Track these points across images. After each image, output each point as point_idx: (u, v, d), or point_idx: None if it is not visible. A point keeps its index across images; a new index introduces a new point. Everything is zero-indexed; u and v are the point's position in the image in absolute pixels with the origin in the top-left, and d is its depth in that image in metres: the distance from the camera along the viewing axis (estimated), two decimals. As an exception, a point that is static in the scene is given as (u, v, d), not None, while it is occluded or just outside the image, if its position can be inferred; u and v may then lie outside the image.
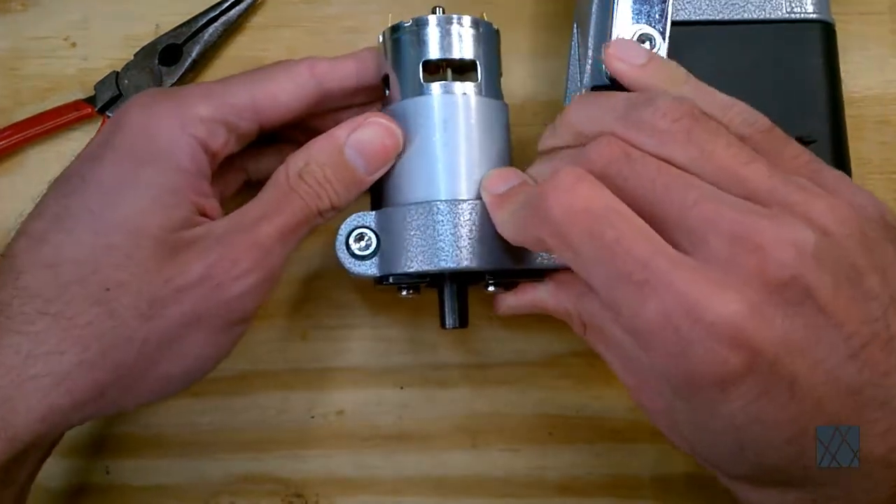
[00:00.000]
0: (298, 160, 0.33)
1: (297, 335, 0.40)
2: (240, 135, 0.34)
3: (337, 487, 0.40)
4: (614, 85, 0.34)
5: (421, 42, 0.34)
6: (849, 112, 0.42)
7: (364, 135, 0.33)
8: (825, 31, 0.37)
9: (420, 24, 0.34)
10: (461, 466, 0.40)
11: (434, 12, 0.35)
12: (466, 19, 0.35)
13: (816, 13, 0.37)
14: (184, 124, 0.31)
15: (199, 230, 0.31)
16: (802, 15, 0.37)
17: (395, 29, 0.35)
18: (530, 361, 0.41)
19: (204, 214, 0.32)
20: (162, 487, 0.40)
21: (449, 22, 0.34)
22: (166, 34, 0.41)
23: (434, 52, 0.34)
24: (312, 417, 0.40)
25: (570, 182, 0.27)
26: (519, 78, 0.42)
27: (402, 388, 0.40)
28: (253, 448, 0.40)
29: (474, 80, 0.34)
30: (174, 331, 0.30)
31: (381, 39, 0.36)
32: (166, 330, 0.29)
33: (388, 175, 0.35)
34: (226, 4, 0.41)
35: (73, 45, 0.42)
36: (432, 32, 0.34)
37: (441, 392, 0.40)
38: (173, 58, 0.41)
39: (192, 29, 0.41)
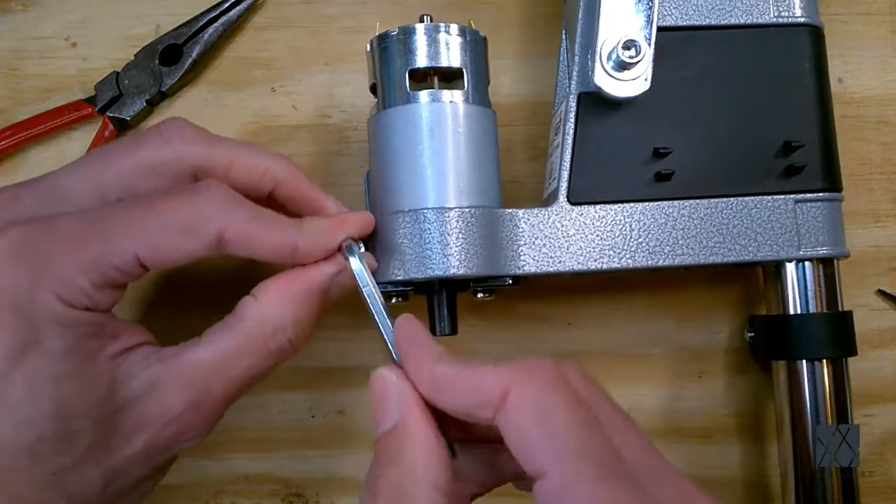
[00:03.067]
0: (276, 311, 0.30)
1: (297, 335, 0.40)
2: (128, 283, 0.30)
3: (337, 487, 0.40)
4: (601, 93, 0.34)
5: (408, 50, 0.34)
6: (849, 112, 0.42)
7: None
8: (813, 35, 0.37)
9: (407, 33, 0.34)
10: (461, 466, 0.40)
11: (421, 20, 0.35)
12: (453, 27, 0.34)
13: (805, 17, 0.37)
14: (63, 297, 0.28)
15: (136, 386, 0.29)
16: (790, 19, 0.37)
17: (383, 38, 0.35)
18: (530, 361, 0.41)
19: (129, 349, 0.29)
20: (163, 486, 0.39)
21: (436, 30, 0.34)
22: (166, 34, 0.41)
23: (421, 61, 0.34)
24: (313, 417, 0.40)
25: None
26: (507, 79, 0.42)
27: (402, 387, 0.40)
28: (254, 447, 0.40)
29: (461, 87, 0.34)
30: (131, 485, 0.30)
31: (368, 48, 0.36)
32: (123, 487, 0.30)
33: (376, 184, 0.35)
34: (226, 4, 0.41)
35: (74, 45, 0.42)
36: (419, 41, 0.34)
37: (441, 392, 0.40)
38: (174, 58, 0.41)
39: (192, 29, 0.41)
